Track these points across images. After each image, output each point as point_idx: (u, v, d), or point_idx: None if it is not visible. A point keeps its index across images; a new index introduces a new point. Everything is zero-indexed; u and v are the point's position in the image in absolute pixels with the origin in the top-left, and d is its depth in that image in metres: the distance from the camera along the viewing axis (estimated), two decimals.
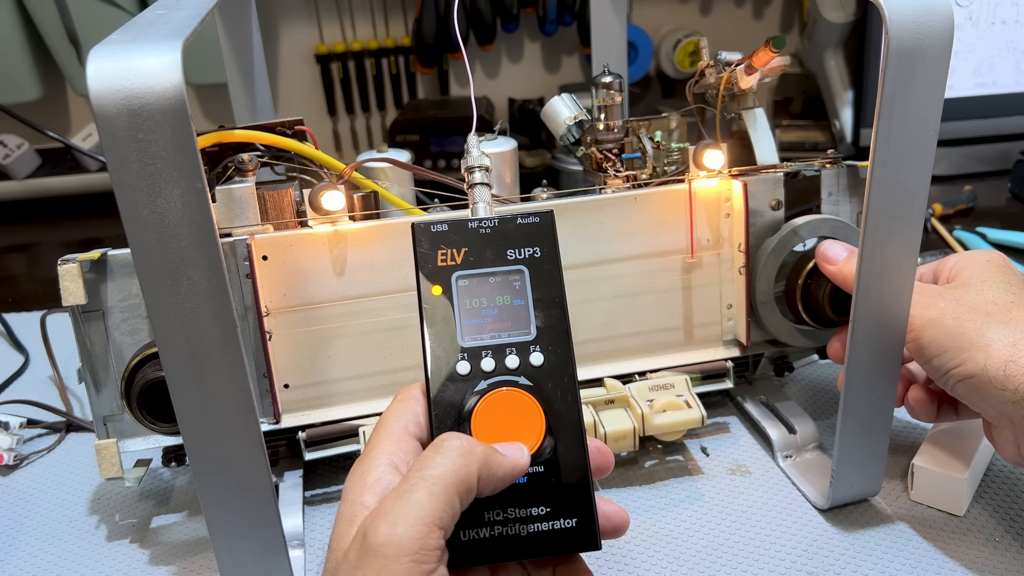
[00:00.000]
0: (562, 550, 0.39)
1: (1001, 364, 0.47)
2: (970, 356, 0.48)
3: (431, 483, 0.34)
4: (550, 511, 0.39)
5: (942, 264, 0.55)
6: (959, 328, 0.49)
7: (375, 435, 0.40)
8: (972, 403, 0.51)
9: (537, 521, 0.39)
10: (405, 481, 0.35)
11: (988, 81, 1.15)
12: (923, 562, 0.52)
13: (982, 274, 0.52)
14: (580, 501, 0.39)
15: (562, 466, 0.40)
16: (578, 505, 0.39)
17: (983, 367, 0.48)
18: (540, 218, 0.42)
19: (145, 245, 0.39)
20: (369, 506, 0.36)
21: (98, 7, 1.15)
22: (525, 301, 0.41)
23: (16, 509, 0.63)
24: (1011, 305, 0.50)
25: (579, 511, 0.39)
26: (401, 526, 0.33)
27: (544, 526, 0.39)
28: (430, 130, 1.19)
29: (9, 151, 1.20)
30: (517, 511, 0.39)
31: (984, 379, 0.48)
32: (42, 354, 0.77)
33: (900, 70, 0.43)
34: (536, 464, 0.39)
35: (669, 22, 1.38)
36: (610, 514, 0.41)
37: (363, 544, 0.33)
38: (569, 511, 0.39)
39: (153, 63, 0.37)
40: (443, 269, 0.41)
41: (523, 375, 0.40)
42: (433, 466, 0.35)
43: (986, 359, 0.48)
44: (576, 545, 0.39)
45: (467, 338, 0.41)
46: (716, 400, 0.69)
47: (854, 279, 0.55)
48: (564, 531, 0.39)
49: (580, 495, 0.39)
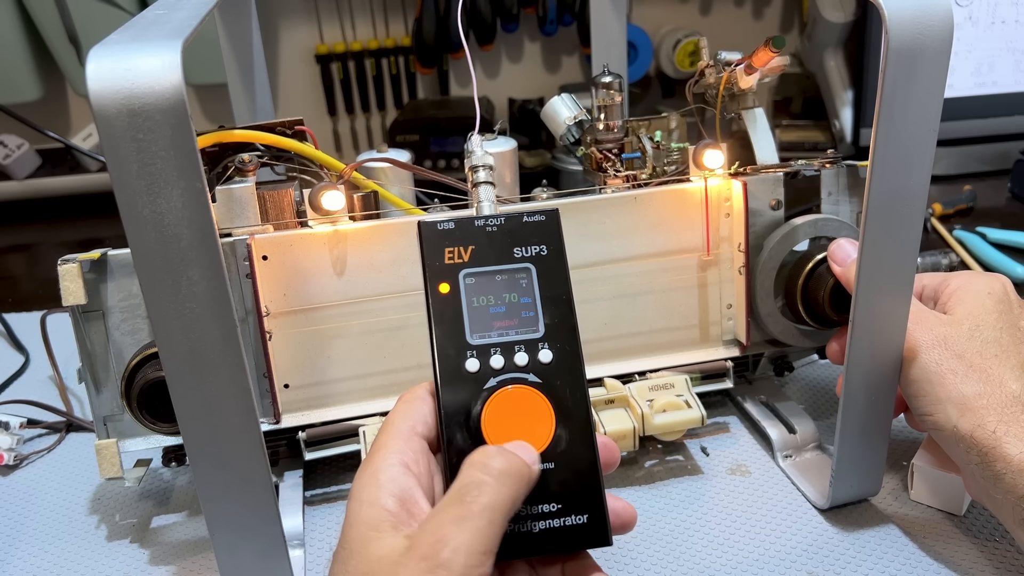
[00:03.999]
0: (574, 547, 0.39)
1: (970, 427, 0.48)
2: (943, 409, 0.49)
3: (491, 511, 0.35)
4: (561, 507, 0.39)
5: (944, 284, 0.55)
6: (940, 378, 0.49)
7: (382, 435, 0.40)
8: (942, 446, 0.51)
9: (548, 518, 0.39)
10: (461, 504, 0.35)
11: (988, 81, 1.15)
12: (923, 562, 0.52)
13: (978, 312, 0.51)
14: (591, 497, 0.39)
15: (572, 463, 0.40)
16: (589, 501, 0.39)
17: (954, 424, 0.48)
18: (546, 216, 0.43)
19: (145, 245, 0.39)
20: (390, 509, 0.36)
21: (98, 7, 1.15)
22: (532, 299, 0.41)
23: (16, 509, 0.63)
24: (994, 358, 0.50)
25: (590, 507, 0.39)
26: (463, 554, 0.34)
27: (555, 523, 0.39)
28: (430, 130, 1.19)
29: (9, 151, 1.20)
30: (528, 508, 0.39)
31: (953, 435, 0.48)
32: (42, 354, 0.77)
33: (900, 70, 0.43)
34: (547, 461, 0.39)
35: (669, 22, 1.38)
36: (619, 510, 0.41)
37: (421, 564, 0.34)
38: (580, 507, 0.39)
39: (153, 63, 0.37)
40: (450, 267, 0.41)
41: (532, 372, 0.40)
42: (489, 492, 0.35)
43: (958, 417, 0.48)
44: (588, 541, 0.39)
45: (475, 335, 0.41)
46: (716, 400, 0.69)
47: None
48: (575, 527, 0.39)
49: (591, 491, 0.39)
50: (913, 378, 0.50)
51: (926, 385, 0.50)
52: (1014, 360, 0.50)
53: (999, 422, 0.47)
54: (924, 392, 0.50)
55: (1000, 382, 0.49)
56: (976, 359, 0.49)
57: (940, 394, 0.49)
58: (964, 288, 0.53)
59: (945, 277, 0.55)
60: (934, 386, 0.49)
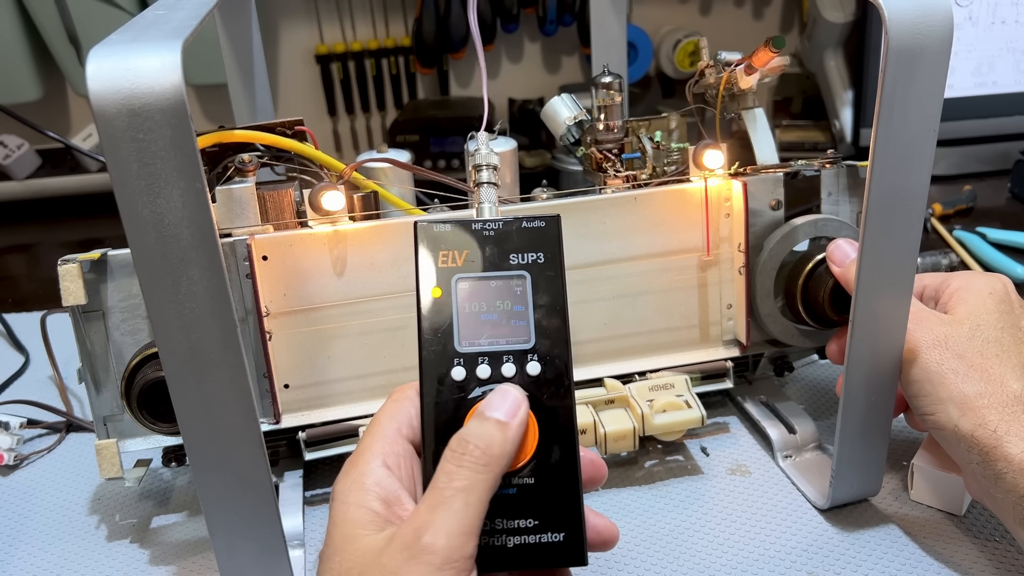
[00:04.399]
0: (548, 564, 0.39)
1: (971, 426, 0.48)
2: (944, 409, 0.49)
3: (466, 492, 0.35)
4: (538, 524, 0.38)
5: (945, 284, 0.55)
6: (941, 378, 0.49)
7: (368, 435, 0.40)
8: (943, 446, 0.52)
9: (524, 533, 0.38)
10: (437, 492, 0.36)
11: (988, 81, 1.15)
12: (923, 562, 0.52)
13: (979, 312, 0.51)
14: (569, 515, 0.39)
15: (553, 479, 0.39)
16: (567, 519, 0.39)
17: (955, 424, 0.48)
18: (546, 223, 0.41)
19: (145, 245, 0.39)
20: (376, 510, 0.36)
21: (98, 7, 1.15)
22: (525, 308, 0.40)
23: (16, 509, 0.63)
24: (995, 358, 0.50)
25: (567, 525, 0.39)
26: (443, 536, 0.34)
27: (531, 539, 0.38)
28: (430, 130, 1.19)
29: (9, 151, 1.20)
30: (504, 522, 0.38)
31: (954, 434, 0.49)
32: (42, 354, 0.77)
33: (900, 70, 0.43)
34: (526, 476, 0.39)
35: (669, 22, 1.38)
36: (600, 528, 0.41)
37: (403, 552, 0.34)
38: (557, 525, 0.39)
39: (153, 63, 0.37)
40: (444, 271, 0.41)
41: (518, 384, 0.39)
42: (462, 476, 0.36)
43: (959, 417, 0.48)
44: (562, 559, 0.39)
45: (464, 343, 0.40)
46: (716, 400, 0.69)
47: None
48: (551, 545, 0.38)
49: (569, 509, 0.39)
50: (914, 378, 0.50)
51: (927, 385, 0.50)
52: (1015, 360, 0.50)
53: (1000, 421, 0.47)
54: (925, 392, 0.50)
55: (1001, 382, 0.49)
56: (977, 359, 0.49)
57: (941, 394, 0.49)
58: (965, 288, 0.53)
59: (946, 277, 0.55)
60: (935, 386, 0.49)
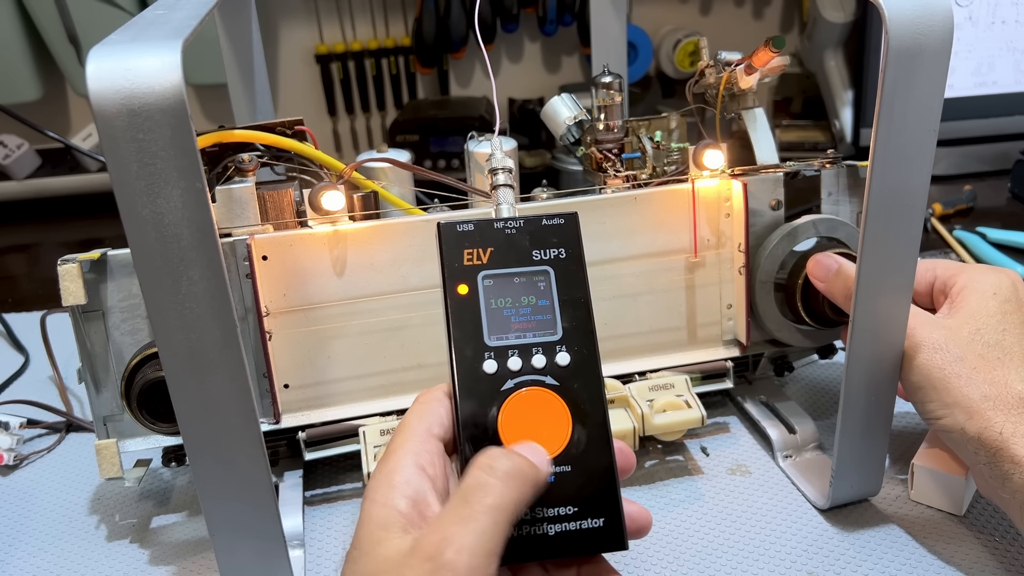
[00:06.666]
0: (589, 550, 0.39)
1: (977, 429, 0.48)
2: (951, 412, 0.49)
3: (496, 512, 0.35)
4: (577, 511, 0.39)
5: (953, 278, 0.54)
6: (945, 384, 0.49)
7: (398, 435, 0.40)
8: (951, 446, 0.52)
9: (564, 521, 0.39)
10: (466, 505, 0.35)
11: (988, 81, 1.15)
12: (923, 562, 0.52)
13: (980, 316, 0.51)
14: (607, 501, 0.39)
15: (589, 466, 0.40)
16: (605, 505, 0.39)
17: (962, 427, 0.49)
18: (565, 219, 0.43)
19: (145, 245, 0.39)
20: (402, 510, 0.36)
21: (98, 7, 1.15)
22: (550, 301, 0.42)
23: (16, 509, 0.63)
24: (997, 361, 0.50)
25: (606, 511, 0.39)
26: (467, 554, 0.34)
27: (571, 526, 0.39)
28: (430, 130, 1.19)
29: (9, 151, 1.20)
30: (544, 511, 0.39)
31: (961, 436, 0.49)
32: (42, 354, 0.77)
33: (900, 70, 0.43)
34: (563, 464, 0.39)
35: (669, 22, 1.38)
36: (634, 514, 0.41)
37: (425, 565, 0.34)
38: (596, 511, 0.39)
39: (153, 63, 0.37)
40: (469, 268, 0.42)
41: (550, 375, 0.40)
42: (494, 493, 0.35)
43: (966, 420, 0.48)
44: (603, 545, 0.39)
45: (493, 337, 0.41)
46: (716, 400, 0.69)
47: (844, 294, 0.55)
48: (591, 531, 0.39)
49: (607, 495, 0.39)
50: (918, 384, 0.50)
51: (931, 391, 0.50)
52: (1019, 361, 0.50)
53: (1006, 423, 0.47)
54: (931, 398, 0.50)
55: (1005, 384, 0.49)
56: (979, 362, 0.50)
57: (947, 399, 0.49)
58: (969, 288, 0.53)
59: (957, 270, 0.55)
60: (939, 392, 0.49)
